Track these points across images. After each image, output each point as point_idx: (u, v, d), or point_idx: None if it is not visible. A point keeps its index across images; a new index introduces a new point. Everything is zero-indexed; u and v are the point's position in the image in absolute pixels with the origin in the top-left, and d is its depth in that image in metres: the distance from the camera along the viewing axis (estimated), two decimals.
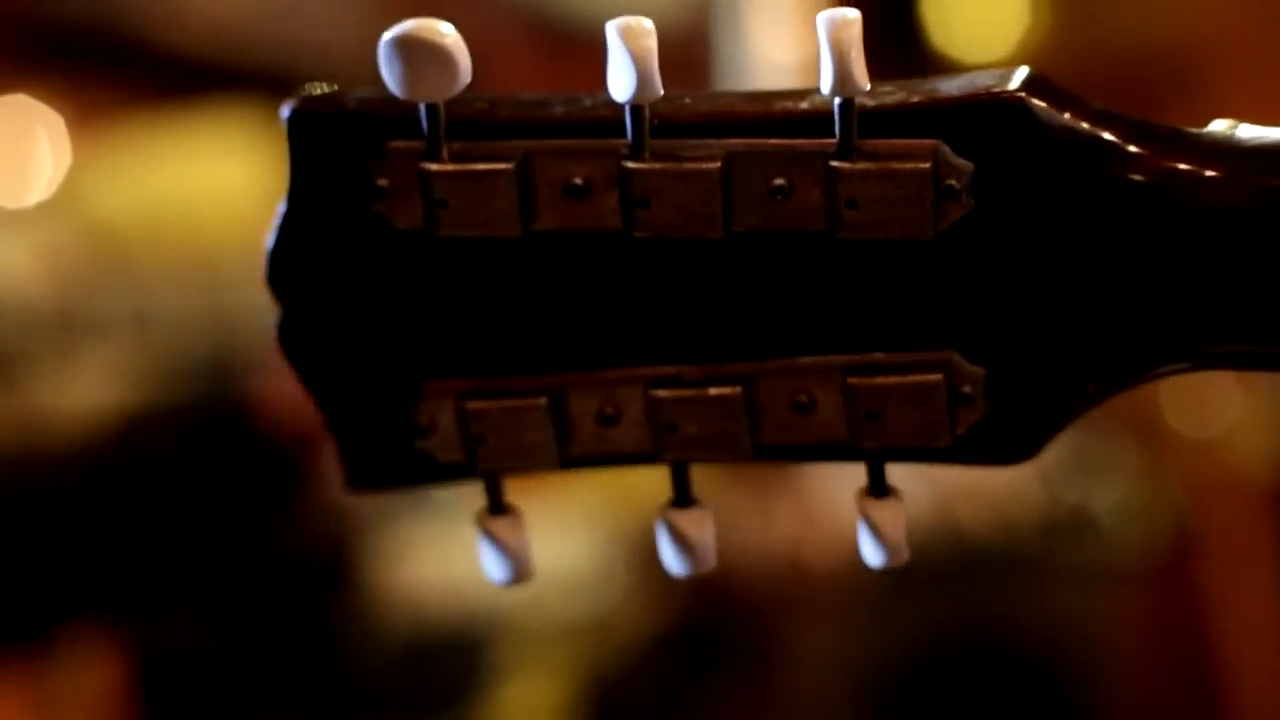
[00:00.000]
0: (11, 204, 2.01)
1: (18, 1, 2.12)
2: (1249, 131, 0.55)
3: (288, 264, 0.57)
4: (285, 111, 0.57)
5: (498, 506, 0.59)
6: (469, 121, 0.55)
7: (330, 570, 1.99)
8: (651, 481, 0.59)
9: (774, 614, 2.11)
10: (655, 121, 0.54)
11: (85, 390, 1.89)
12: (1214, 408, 2.41)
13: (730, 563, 2.07)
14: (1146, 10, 2.66)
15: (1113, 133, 0.54)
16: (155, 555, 1.92)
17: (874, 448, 0.56)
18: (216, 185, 1.96)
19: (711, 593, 2.06)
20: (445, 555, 1.93)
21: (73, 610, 1.89)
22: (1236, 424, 2.40)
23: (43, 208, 2.02)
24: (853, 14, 0.52)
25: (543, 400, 0.57)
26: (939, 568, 2.14)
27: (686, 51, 2.43)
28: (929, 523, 2.11)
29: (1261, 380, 2.35)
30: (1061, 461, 2.20)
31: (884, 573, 0.57)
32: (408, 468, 0.59)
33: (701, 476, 0.57)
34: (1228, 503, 2.44)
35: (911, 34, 2.70)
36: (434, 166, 0.55)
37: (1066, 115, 0.54)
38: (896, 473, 0.57)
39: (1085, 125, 0.54)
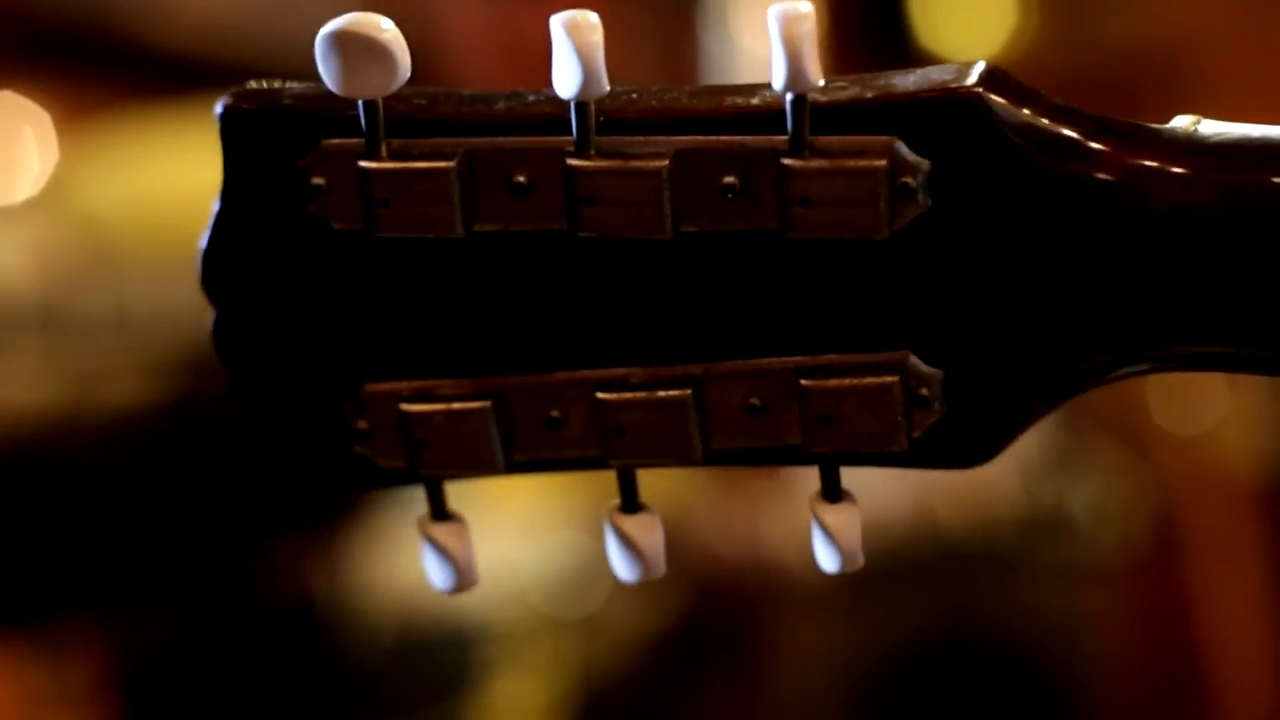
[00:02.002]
0: None
1: None
2: (1211, 127, 0.54)
3: (222, 264, 0.56)
4: (218, 108, 0.57)
5: (440, 513, 0.58)
6: (408, 118, 0.54)
7: (318, 566, 1.98)
8: (642, 478, 0.58)
9: (760, 613, 2.11)
10: (601, 118, 0.53)
11: (65, 386, 1.89)
12: (1200, 405, 2.41)
13: (718, 561, 2.07)
14: (1134, 10, 2.65)
15: (1073, 129, 0.53)
16: (140, 550, 1.91)
17: (828, 451, 0.55)
18: (206, 183, 1.95)
19: (699, 591, 2.06)
20: None
21: (58, 605, 1.89)
22: (1223, 421, 2.40)
23: (30, 205, 2.01)
24: (806, 7, 0.52)
25: (486, 404, 0.56)
26: (919, 567, 2.14)
27: (672, 47, 2.42)
28: (909, 522, 2.11)
29: (1248, 377, 2.34)
30: (1041, 460, 2.19)
31: (868, 572, 0.57)
32: (347, 472, 0.57)
33: (689, 475, 0.57)
34: (1213, 500, 2.44)
35: (899, 33, 2.70)
36: (372, 165, 0.54)
37: (1025, 111, 0.53)
38: (875, 471, 0.56)
39: (1045, 121, 0.53)
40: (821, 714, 2.17)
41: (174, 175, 1.98)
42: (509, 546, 1.90)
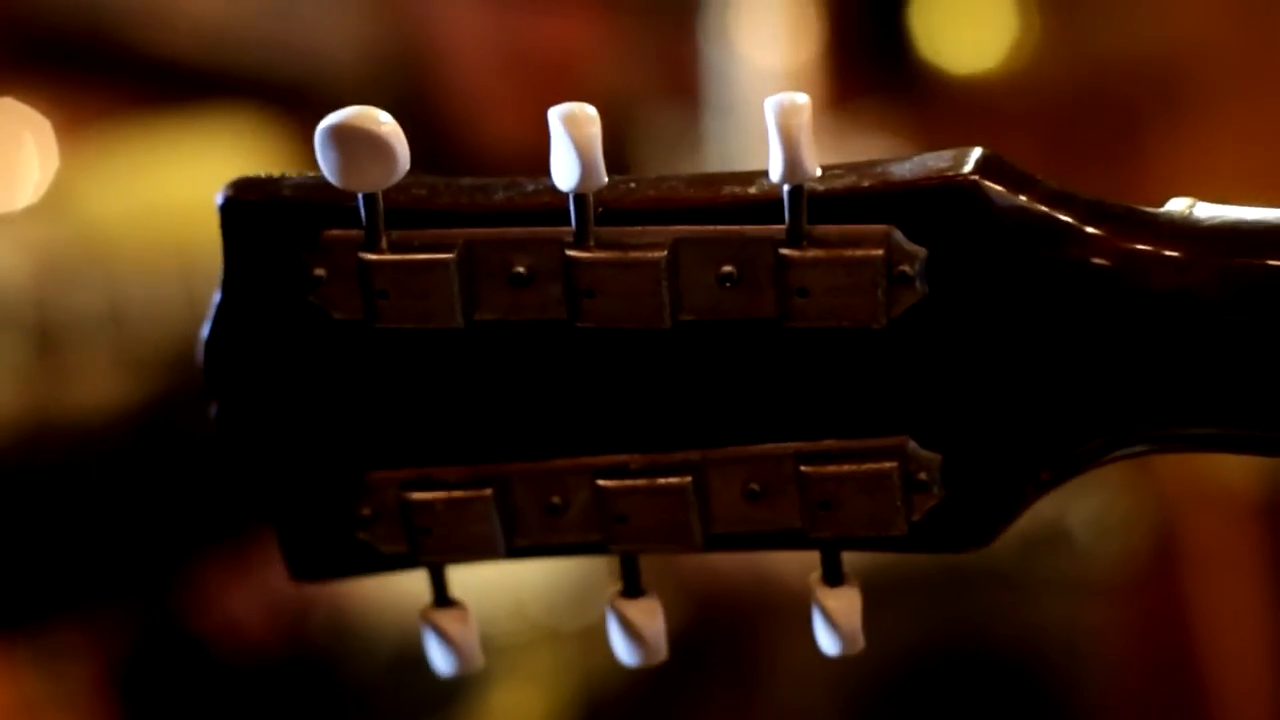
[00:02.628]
0: None
1: (5, 5, 2.12)
2: (1206, 210, 0.54)
3: (224, 354, 0.57)
4: (219, 199, 0.56)
5: (443, 599, 0.58)
6: (408, 209, 0.54)
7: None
8: None
9: (760, 624, 2.11)
10: (600, 209, 0.53)
11: (56, 386, 1.89)
12: None
13: (717, 573, 2.07)
14: (1134, 22, 2.66)
15: (1068, 214, 0.53)
16: (134, 550, 1.91)
17: (828, 536, 0.55)
18: (206, 191, 1.95)
19: (698, 603, 2.05)
20: None
21: (53, 608, 1.89)
22: None
23: (29, 212, 2.01)
24: (802, 99, 0.52)
25: (487, 491, 0.56)
26: (919, 579, 2.14)
27: (673, 55, 2.43)
28: None
29: None
30: None
31: (868, 584, 0.57)
32: (349, 558, 0.58)
33: None
34: (1213, 514, 2.44)
35: (899, 45, 2.71)
36: (373, 257, 0.54)
37: (1021, 197, 0.53)
38: None
39: (1040, 207, 0.53)
40: None
41: (174, 182, 1.98)
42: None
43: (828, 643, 0.56)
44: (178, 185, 1.97)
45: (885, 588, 2.07)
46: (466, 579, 0.59)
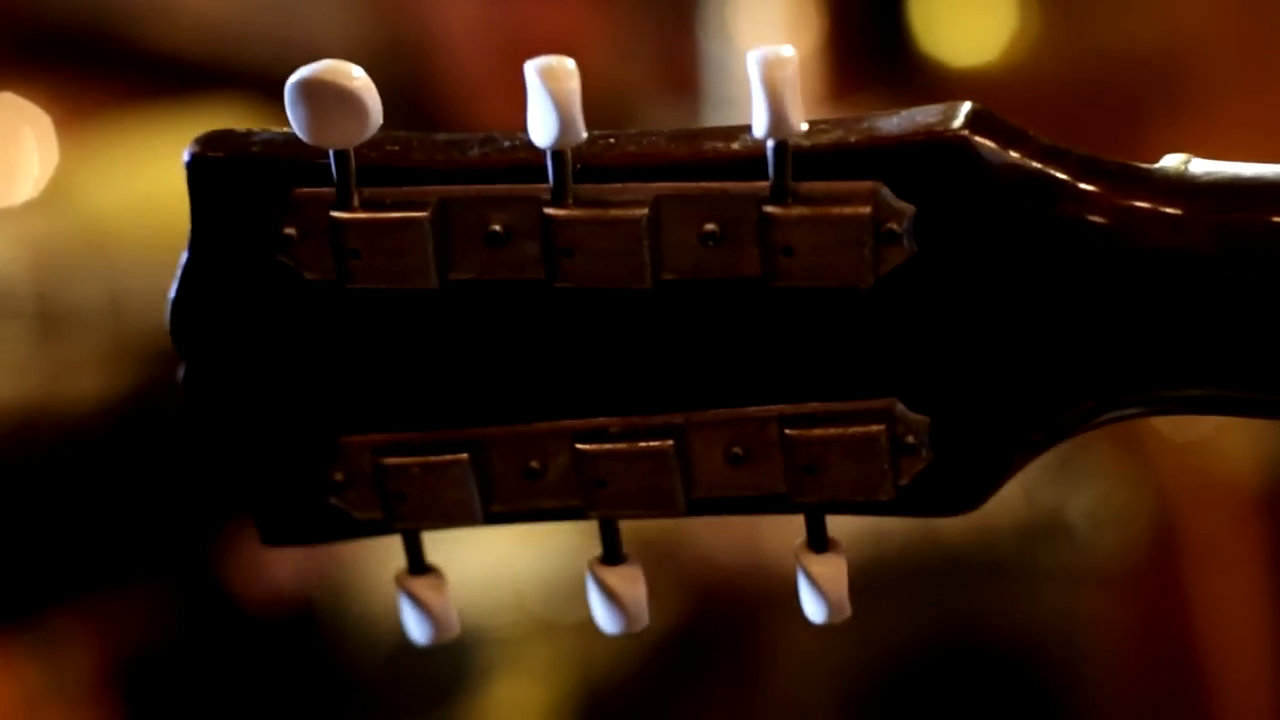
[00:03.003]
0: None
1: (5, 0, 2.12)
2: (1202, 166, 0.53)
3: (192, 315, 0.55)
4: (185, 156, 0.55)
5: (418, 566, 0.57)
6: (381, 166, 0.53)
7: (315, 565, 1.98)
8: None
9: (759, 617, 2.11)
10: (578, 165, 0.52)
11: (64, 379, 1.89)
12: None
13: (716, 565, 2.07)
14: (1134, 15, 2.66)
15: (1062, 170, 0.52)
16: (135, 542, 1.91)
17: (813, 501, 0.54)
18: None
19: (698, 595, 2.06)
20: (432, 555, 1.92)
21: (53, 601, 1.89)
22: (1222, 426, 2.40)
23: (30, 206, 2.01)
24: (788, 51, 0.50)
25: (463, 456, 0.55)
26: (918, 571, 2.14)
27: (671, 46, 2.43)
28: (908, 527, 2.11)
29: None
30: (1040, 465, 2.19)
31: (867, 576, 0.56)
32: (322, 524, 0.57)
33: None
34: (1212, 505, 2.44)
35: (899, 38, 2.70)
36: (344, 215, 0.53)
37: (1013, 153, 0.52)
38: None
39: (1033, 163, 0.52)
40: (820, 716, 2.17)
41: (174, 176, 1.97)
42: (507, 550, 1.90)
43: (813, 610, 0.55)
44: (178, 178, 1.96)
45: (885, 579, 2.08)
46: (466, 572, 0.59)
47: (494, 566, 1.88)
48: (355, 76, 0.51)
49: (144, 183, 1.99)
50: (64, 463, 1.89)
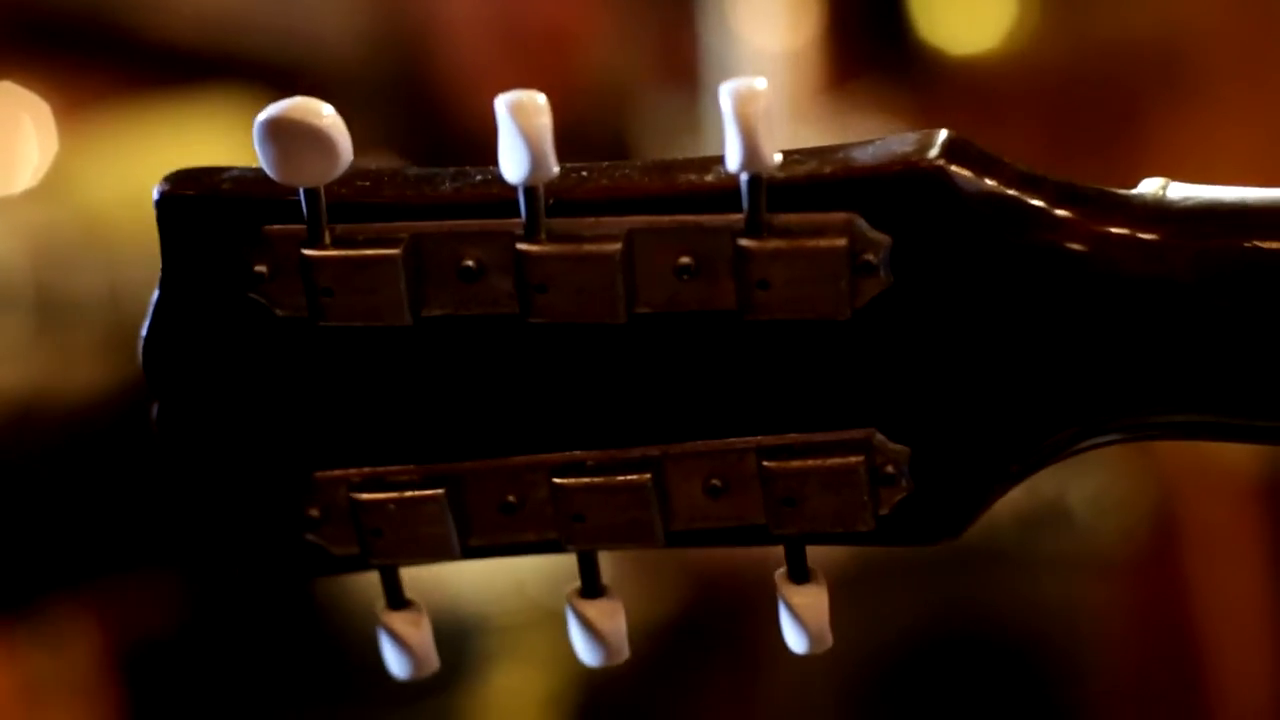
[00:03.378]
0: None
1: None
2: (1180, 191, 0.52)
3: (163, 352, 0.55)
4: (155, 194, 0.55)
5: (397, 601, 0.56)
6: (352, 203, 0.52)
7: None
8: None
9: (759, 606, 2.11)
10: (551, 200, 0.51)
11: (64, 368, 1.89)
12: None
13: (718, 555, 2.07)
14: (1133, 5, 2.65)
15: (1038, 197, 0.52)
16: (137, 532, 1.91)
17: (793, 533, 0.54)
18: None
19: (698, 584, 2.06)
20: None
21: (54, 588, 1.89)
22: None
23: (28, 196, 2.01)
24: (760, 84, 0.50)
25: (440, 491, 0.54)
26: (919, 559, 2.14)
27: (671, 39, 2.42)
28: None
29: None
30: None
31: (868, 564, 0.56)
32: (298, 560, 0.56)
33: None
34: (1212, 492, 2.44)
35: (898, 26, 2.70)
36: (316, 253, 0.52)
37: (988, 181, 0.51)
38: None
39: (1009, 191, 0.52)
40: (820, 705, 2.17)
41: (173, 165, 1.97)
42: None
43: (794, 640, 0.55)
44: (177, 168, 1.97)
45: (886, 567, 2.08)
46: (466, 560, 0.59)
47: None
48: (324, 115, 0.51)
49: (143, 172, 1.99)
50: (64, 451, 1.89)
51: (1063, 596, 2.25)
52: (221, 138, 1.99)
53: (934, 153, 0.51)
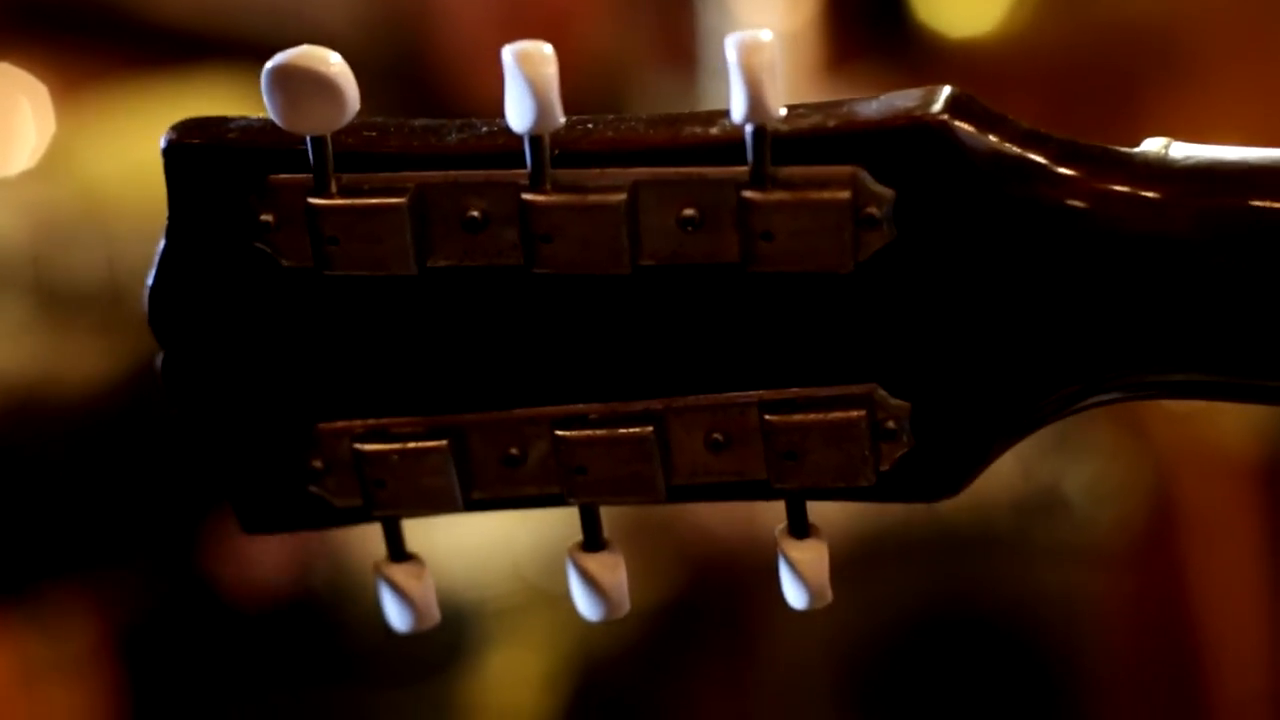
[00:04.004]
0: None
1: None
2: (1182, 150, 0.52)
3: (169, 303, 0.55)
4: (162, 143, 0.54)
5: (398, 553, 0.56)
6: (358, 152, 0.53)
7: (315, 538, 1.98)
8: None
9: (756, 588, 2.11)
10: (556, 151, 0.52)
11: (63, 347, 1.89)
12: None
13: (713, 536, 2.07)
14: None
15: (1041, 154, 0.52)
16: (137, 516, 1.91)
17: (793, 487, 0.54)
18: None
19: (695, 566, 2.06)
20: (429, 525, 1.92)
21: (54, 571, 1.89)
22: None
23: (26, 176, 2.01)
24: (766, 35, 0.50)
25: (443, 443, 0.54)
26: (916, 545, 2.14)
27: (670, 19, 2.42)
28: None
29: None
30: (1037, 440, 2.19)
31: (865, 549, 0.56)
32: (301, 512, 0.56)
33: None
34: (1210, 477, 2.44)
35: (896, 8, 2.70)
36: (322, 202, 0.52)
37: (992, 137, 0.52)
38: None
39: (1012, 147, 0.52)
40: (816, 689, 2.18)
41: None
42: (504, 520, 1.90)
43: (794, 596, 0.55)
44: None
45: (882, 552, 2.08)
46: (464, 541, 0.59)
47: (491, 537, 1.88)
48: (332, 62, 0.51)
49: (141, 152, 1.99)
50: (63, 433, 1.89)
51: (1059, 583, 2.25)
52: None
53: (938, 107, 0.51)
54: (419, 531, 0.58)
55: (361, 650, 1.98)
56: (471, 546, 1.85)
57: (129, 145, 2.01)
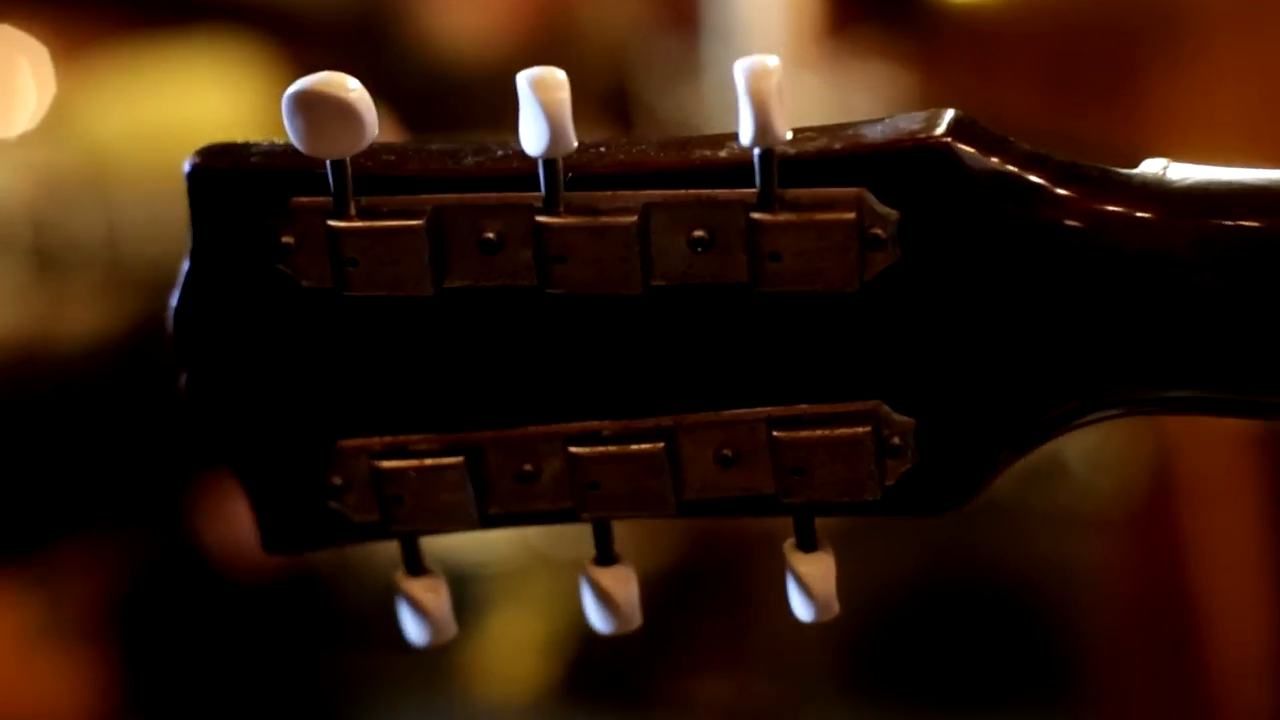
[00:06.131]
0: None
1: None
2: (1180, 171, 0.54)
3: (193, 323, 0.56)
4: (186, 167, 0.55)
5: (416, 567, 0.58)
6: (377, 175, 0.54)
7: None
8: None
9: (756, 556, 2.11)
10: (569, 174, 0.53)
11: (61, 309, 1.89)
12: None
13: None
14: None
15: (1041, 176, 0.53)
16: (136, 474, 1.91)
17: (801, 502, 0.55)
18: (202, 115, 1.95)
19: (695, 533, 2.06)
20: None
21: (54, 533, 1.89)
22: None
23: (27, 138, 2.01)
24: (772, 61, 0.51)
25: (459, 460, 0.56)
26: None
27: (676, 6, 2.42)
28: None
29: None
30: None
31: (864, 518, 0.57)
32: (321, 529, 0.58)
33: None
34: (1210, 446, 2.44)
35: None
36: (341, 224, 0.54)
37: (993, 159, 0.53)
38: None
39: (1013, 169, 0.53)
40: (815, 656, 2.18)
41: (171, 105, 1.98)
42: None
43: (801, 609, 0.56)
44: (175, 108, 1.97)
45: (882, 521, 2.08)
46: None
47: None
48: (351, 88, 0.52)
49: (141, 113, 1.99)
50: (62, 395, 1.89)
51: (1059, 550, 2.25)
52: (218, 76, 1.99)
53: (941, 130, 0.53)
54: None
55: (359, 614, 1.98)
56: None
57: (129, 106, 2.01)
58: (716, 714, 2.15)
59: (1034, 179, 0.53)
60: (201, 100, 1.97)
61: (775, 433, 0.54)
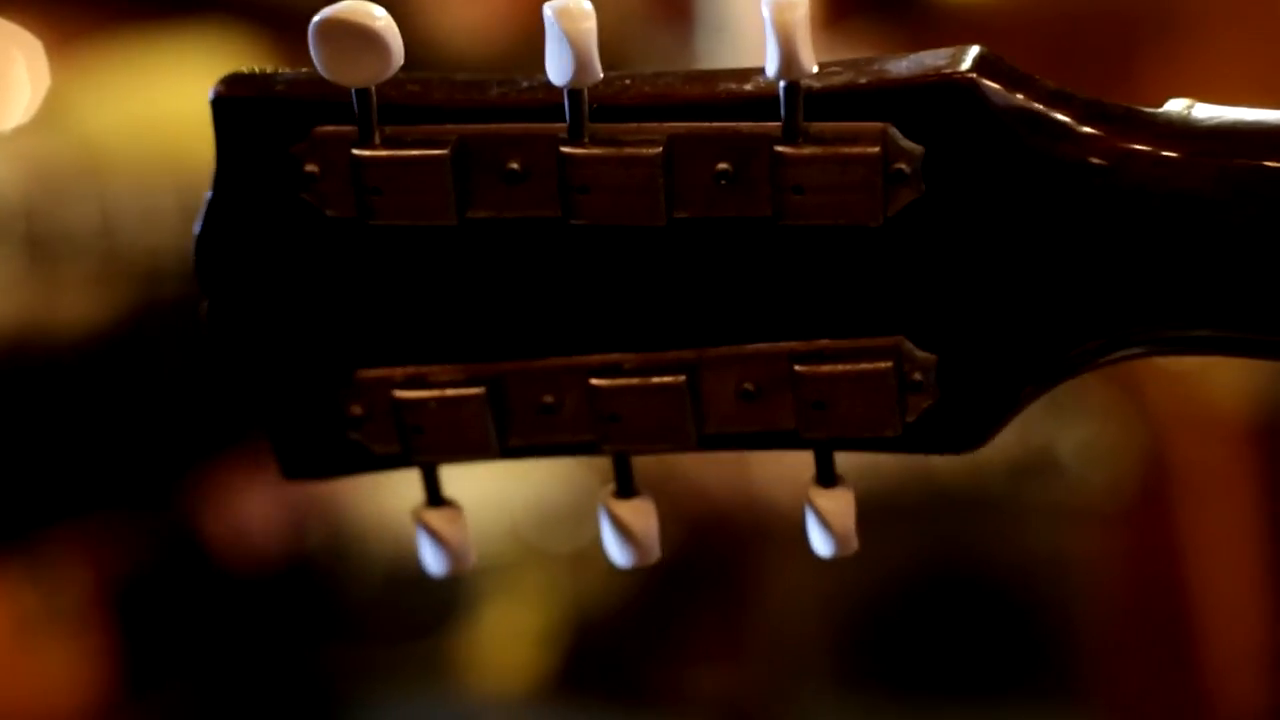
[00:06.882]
0: None
1: None
2: (1205, 111, 0.54)
3: (216, 252, 0.56)
4: (211, 94, 0.56)
5: (436, 498, 0.58)
6: (401, 105, 0.54)
7: (312, 494, 1.99)
8: None
9: (751, 548, 2.11)
10: (594, 105, 0.53)
11: (55, 300, 1.89)
12: None
13: (709, 496, 2.07)
14: None
15: (1066, 113, 0.53)
16: (132, 461, 1.91)
17: (822, 437, 0.55)
18: (197, 104, 1.95)
19: (690, 526, 2.06)
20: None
21: (49, 520, 1.89)
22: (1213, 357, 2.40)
23: (21, 131, 2.01)
24: None
25: (480, 390, 0.55)
26: (910, 505, 2.15)
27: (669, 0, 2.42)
28: (901, 461, 2.11)
29: None
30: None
31: (860, 509, 0.57)
32: (341, 458, 0.58)
33: None
34: (1203, 438, 2.44)
35: None
36: (366, 153, 0.53)
37: (1019, 95, 0.53)
38: None
39: (1038, 106, 0.53)
40: (810, 647, 2.18)
41: (165, 97, 1.97)
42: (501, 479, 1.90)
43: (821, 544, 0.56)
44: (169, 99, 1.96)
45: (877, 513, 2.08)
46: (460, 499, 0.59)
47: (488, 495, 1.88)
48: (377, 16, 0.52)
49: (135, 105, 1.99)
50: (56, 384, 1.89)
51: (1052, 543, 2.25)
52: (212, 68, 1.98)
53: (966, 66, 0.52)
54: (414, 489, 0.58)
55: (356, 607, 1.99)
56: (468, 504, 1.85)
57: (123, 99, 2.01)
58: (711, 705, 2.16)
59: (1059, 116, 0.53)
60: (195, 92, 1.96)
61: (797, 367, 0.54)
